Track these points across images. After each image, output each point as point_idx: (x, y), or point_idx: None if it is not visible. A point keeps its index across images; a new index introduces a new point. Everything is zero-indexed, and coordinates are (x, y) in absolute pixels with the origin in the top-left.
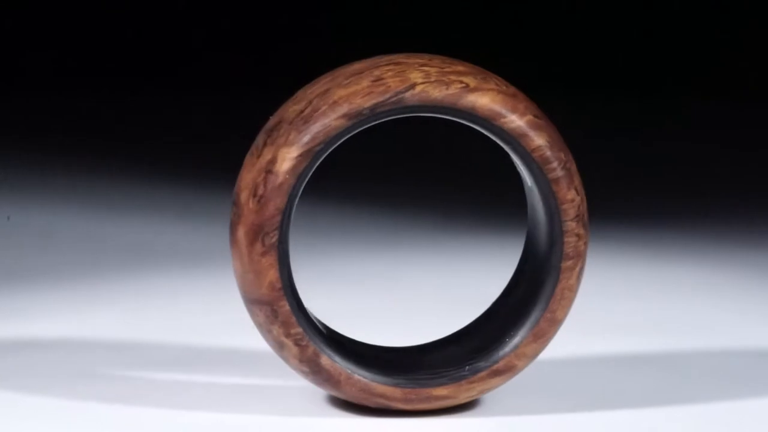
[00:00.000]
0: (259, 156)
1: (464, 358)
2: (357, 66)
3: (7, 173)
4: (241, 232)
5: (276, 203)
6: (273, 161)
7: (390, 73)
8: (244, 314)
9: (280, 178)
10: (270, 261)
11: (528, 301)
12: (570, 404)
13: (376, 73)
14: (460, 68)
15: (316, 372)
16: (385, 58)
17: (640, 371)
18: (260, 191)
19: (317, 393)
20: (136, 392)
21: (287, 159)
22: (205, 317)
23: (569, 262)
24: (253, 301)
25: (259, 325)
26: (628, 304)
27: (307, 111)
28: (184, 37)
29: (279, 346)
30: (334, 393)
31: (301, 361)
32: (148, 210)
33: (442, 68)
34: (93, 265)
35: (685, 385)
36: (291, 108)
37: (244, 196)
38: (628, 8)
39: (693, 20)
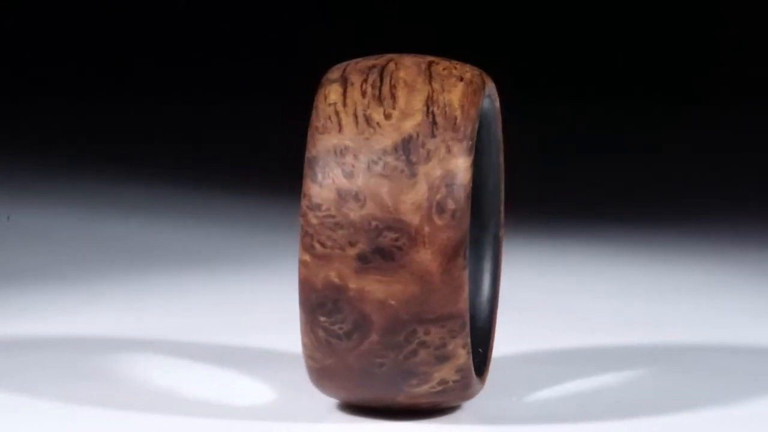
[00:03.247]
0: (413, 175)
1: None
2: (405, 72)
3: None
4: (426, 255)
5: (468, 214)
6: (449, 175)
7: (456, 71)
8: (244, 315)
9: (467, 189)
10: (466, 273)
11: (478, 276)
12: (565, 404)
13: (443, 73)
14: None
15: (465, 378)
16: (415, 58)
17: (639, 371)
18: (451, 206)
19: (321, 396)
20: (135, 394)
21: (463, 169)
22: (205, 318)
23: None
24: (433, 320)
25: (419, 345)
26: (625, 303)
27: (440, 120)
28: (186, 40)
29: (441, 360)
30: (459, 399)
31: (458, 370)
32: (148, 210)
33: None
34: (93, 265)
35: (684, 386)
36: (399, 124)
37: (417, 217)
38: (628, 8)
39: (692, 20)
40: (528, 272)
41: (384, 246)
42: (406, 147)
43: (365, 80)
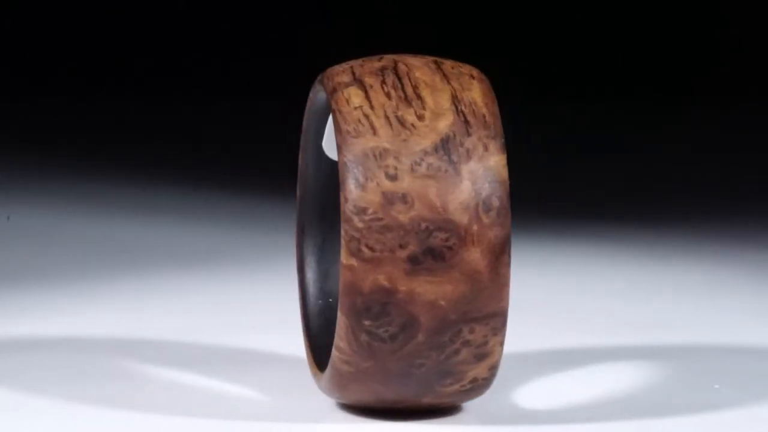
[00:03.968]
0: (457, 174)
1: None
2: (420, 73)
3: (6, 179)
4: (475, 254)
5: (509, 210)
6: (490, 173)
7: (464, 69)
8: (244, 315)
9: (507, 186)
10: (510, 270)
11: None
12: (565, 404)
13: (454, 71)
14: None
15: (493, 375)
16: (419, 58)
17: (638, 371)
18: (496, 204)
19: (322, 396)
20: (135, 394)
21: (502, 166)
22: (205, 318)
23: None
24: (479, 319)
25: (463, 344)
26: (626, 303)
27: (471, 119)
28: (185, 43)
29: (479, 358)
30: (476, 396)
31: (491, 368)
32: (148, 210)
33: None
34: (93, 265)
35: (685, 387)
36: (433, 125)
37: (465, 217)
38: (628, 8)
39: (693, 20)
40: (528, 272)
41: (435, 247)
42: (445, 147)
43: (383, 82)
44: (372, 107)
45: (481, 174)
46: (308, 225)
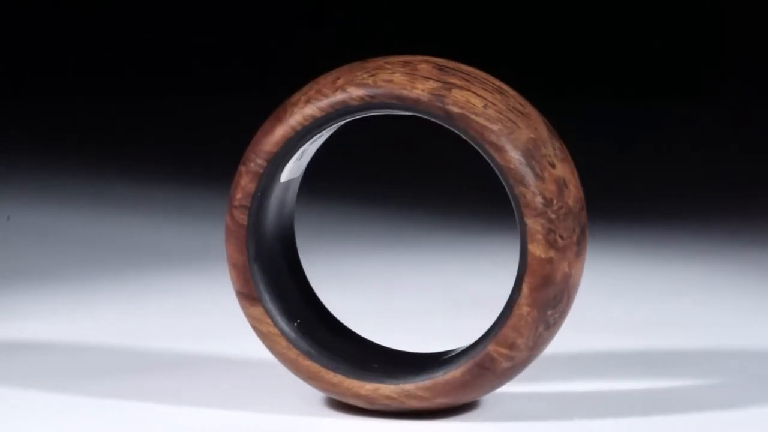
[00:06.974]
0: (567, 155)
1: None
2: (464, 66)
3: (7, 171)
4: (586, 225)
5: None
6: (565, 157)
7: (468, 72)
8: (241, 316)
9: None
10: None
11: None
12: (567, 404)
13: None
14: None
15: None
16: (428, 57)
17: (639, 371)
18: (580, 184)
19: (314, 394)
20: (133, 392)
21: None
22: (204, 318)
23: None
24: (575, 292)
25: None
26: (628, 303)
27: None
28: (182, 42)
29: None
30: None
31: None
32: (148, 210)
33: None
34: (93, 265)
35: (685, 386)
36: (533, 112)
37: (577, 204)
38: (630, 9)
39: (693, 21)
40: None
41: (584, 225)
42: (552, 131)
43: (466, 80)
44: (493, 104)
45: (567, 153)
46: (261, 253)
